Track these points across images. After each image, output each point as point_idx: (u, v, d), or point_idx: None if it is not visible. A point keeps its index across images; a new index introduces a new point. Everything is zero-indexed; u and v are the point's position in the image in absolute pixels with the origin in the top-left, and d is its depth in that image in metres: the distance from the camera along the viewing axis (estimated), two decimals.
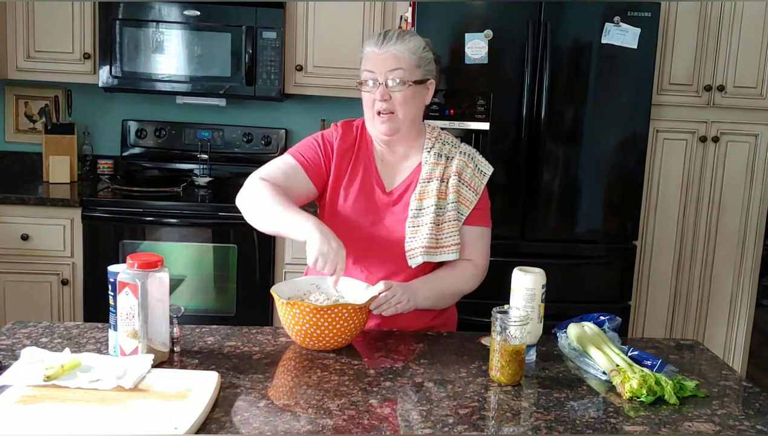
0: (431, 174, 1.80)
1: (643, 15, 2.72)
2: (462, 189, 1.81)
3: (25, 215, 2.97)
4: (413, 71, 1.75)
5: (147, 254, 1.41)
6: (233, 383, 1.35)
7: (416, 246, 1.77)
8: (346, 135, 1.85)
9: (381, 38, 1.75)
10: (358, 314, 1.52)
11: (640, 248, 3.10)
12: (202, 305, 3.11)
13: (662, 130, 3.06)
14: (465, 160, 1.83)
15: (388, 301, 1.62)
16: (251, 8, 3.12)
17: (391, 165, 1.85)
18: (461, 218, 1.82)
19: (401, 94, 1.74)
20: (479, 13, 2.72)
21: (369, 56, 1.76)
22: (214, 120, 3.55)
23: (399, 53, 1.74)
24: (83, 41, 3.18)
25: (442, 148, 1.84)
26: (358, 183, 1.81)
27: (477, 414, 1.29)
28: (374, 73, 1.74)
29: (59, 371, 1.27)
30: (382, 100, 1.74)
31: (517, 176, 2.81)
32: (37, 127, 3.51)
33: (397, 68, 1.73)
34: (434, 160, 1.81)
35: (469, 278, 1.82)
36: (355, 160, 1.83)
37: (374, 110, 1.76)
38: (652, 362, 1.46)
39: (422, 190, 1.80)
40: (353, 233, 1.78)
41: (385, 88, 1.74)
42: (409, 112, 1.77)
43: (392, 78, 1.73)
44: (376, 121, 1.77)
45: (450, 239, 1.79)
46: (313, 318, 1.48)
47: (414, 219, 1.78)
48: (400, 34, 1.76)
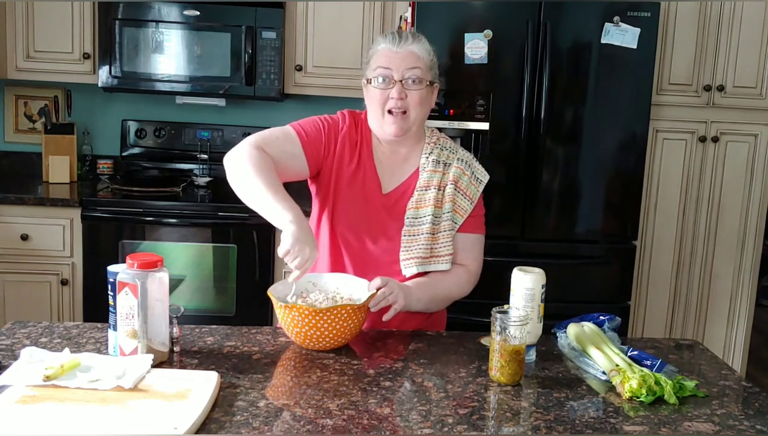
0: (429, 182, 1.78)
1: (642, 15, 2.72)
2: (458, 198, 1.80)
3: (24, 215, 2.97)
4: (427, 72, 1.75)
5: (147, 253, 1.40)
6: (233, 383, 1.35)
7: (411, 256, 1.75)
8: (353, 126, 1.81)
9: (397, 37, 1.74)
10: (357, 313, 1.52)
11: (639, 248, 3.11)
12: (202, 305, 3.11)
13: (662, 130, 3.07)
14: (462, 168, 1.81)
15: (386, 298, 1.60)
16: (251, 8, 3.12)
17: (388, 167, 1.82)
18: (455, 228, 1.80)
19: (417, 94, 1.73)
20: (479, 13, 2.72)
21: (384, 53, 1.73)
22: (213, 120, 3.55)
23: (418, 51, 1.73)
24: (83, 41, 3.18)
25: (441, 153, 1.82)
26: (359, 180, 1.79)
27: (477, 414, 1.28)
28: (390, 70, 1.71)
29: (59, 371, 1.27)
30: (399, 98, 1.71)
31: (517, 176, 2.81)
32: (36, 127, 3.51)
33: (415, 66, 1.72)
34: (432, 167, 1.79)
35: (462, 283, 1.82)
36: (358, 157, 1.80)
37: (385, 108, 1.73)
38: (652, 362, 1.46)
39: (419, 199, 1.78)
40: (348, 232, 1.77)
41: (401, 86, 1.71)
42: (420, 113, 1.76)
43: (410, 76, 1.71)
44: (387, 120, 1.74)
45: (444, 248, 1.78)
46: (312, 320, 1.47)
47: (410, 228, 1.76)
48: (414, 35, 1.76)
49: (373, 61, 1.76)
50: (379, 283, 1.61)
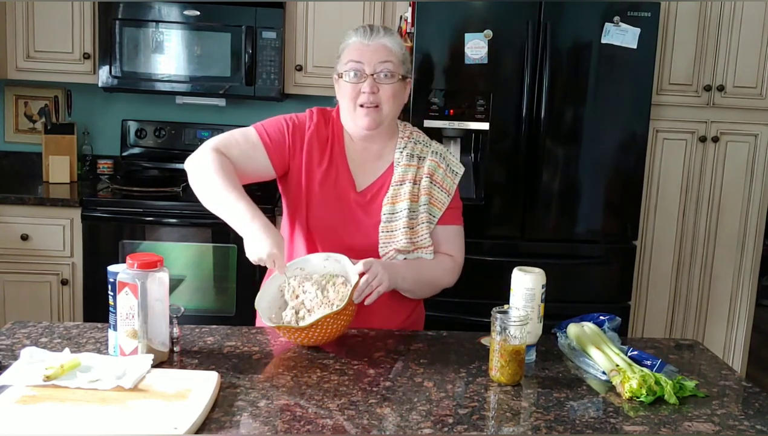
0: (404, 176, 1.77)
1: (642, 15, 2.72)
2: (434, 190, 1.79)
3: (24, 215, 2.97)
4: (400, 66, 1.73)
5: (147, 253, 1.41)
6: (233, 383, 1.35)
7: (390, 250, 1.75)
8: (321, 125, 1.79)
9: (368, 30, 1.72)
10: (343, 314, 1.50)
11: (639, 248, 3.10)
12: (202, 305, 3.11)
13: (662, 130, 3.07)
14: (437, 161, 1.81)
15: (369, 284, 1.58)
16: (251, 8, 3.12)
17: (362, 164, 1.80)
18: (433, 221, 1.79)
19: (390, 87, 1.71)
20: (479, 13, 2.72)
21: (355, 47, 1.72)
22: (213, 120, 3.55)
23: (390, 45, 1.72)
24: (83, 41, 3.18)
25: (414, 147, 1.81)
26: (331, 180, 1.76)
27: (477, 414, 1.28)
28: (362, 63, 1.70)
29: (59, 371, 1.27)
30: (371, 92, 1.70)
31: (517, 176, 2.81)
32: (36, 127, 3.51)
33: (387, 60, 1.70)
34: (407, 161, 1.78)
35: (448, 270, 1.81)
36: (330, 156, 1.77)
37: (357, 103, 1.71)
38: (652, 362, 1.46)
39: (395, 194, 1.77)
40: (324, 233, 1.76)
41: (373, 80, 1.70)
42: (393, 108, 1.74)
43: (382, 70, 1.70)
44: (359, 113, 1.72)
45: (424, 240, 1.77)
46: (302, 333, 1.49)
47: (387, 224, 1.75)
48: (386, 28, 1.75)
49: (344, 55, 1.74)
50: (361, 268, 1.58)
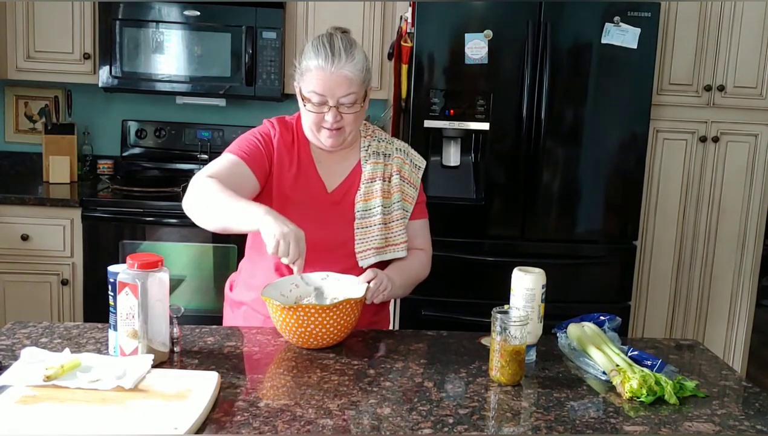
0: (374, 174, 1.81)
1: (642, 15, 2.72)
2: (404, 187, 1.84)
3: (25, 215, 2.97)
4: (361, 88, 1.72)
5: (147, 254, 1.41)
6: (233, 383, 1.35)
7: (367, 248, 1.77)
8: (284, 133, 1.79)
9: (329, 56, 1.67)
10: (358, 306, 1.54)
11: (640, 248, 3.10)
12: (202, 305, 3.11)
13: (662, 130, 3.07)
14: (402, 157, 1.85)
15: (377, 288, 1.65)
16: (251, 8, 3.12)
17: (329, 166, 1.82)
18: (406, 216, 1.84)
19: (353, 115, 1.72)
20: (479, 13, 2.72)
21: (317, 75, 1.67)
22: (214, 120, 3.55)
23: (351, 74, 1.68)
24: (83, 41, 3.18)
25: (379, 145, 1.84)
26: (302, 183, 1.78)
27: (477, 414, 1.29)
28: (325, 96, 1.68)
29: (59, 371, 1.27)
30: (335, 121, 1.70)
31: (517, 176, 2.81)
32: (37, 127, 3.51)
33: (350, 92, 1.69)
34: (374, 159, 1.82)
35: (424, 264, 1.88)
36: (297, 161, 1.79)
37: (320, 125, 1.73)
38: (652, 362, 1.46)
39: (367, 191, 1.80)
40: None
41: (336, 110, 1.69)
42: (356, 126, 1.77)
43: (345, 101, 1.69)
44: (323, 134, 1.74)
45: (399, 237, 1.81)
46: (319, 317, 1.48)
47: (362, 220, 1.78)
48: (347, 49, 1.69)
49: (306, 80, 1.71)
50: (370, 275, 1.65)
